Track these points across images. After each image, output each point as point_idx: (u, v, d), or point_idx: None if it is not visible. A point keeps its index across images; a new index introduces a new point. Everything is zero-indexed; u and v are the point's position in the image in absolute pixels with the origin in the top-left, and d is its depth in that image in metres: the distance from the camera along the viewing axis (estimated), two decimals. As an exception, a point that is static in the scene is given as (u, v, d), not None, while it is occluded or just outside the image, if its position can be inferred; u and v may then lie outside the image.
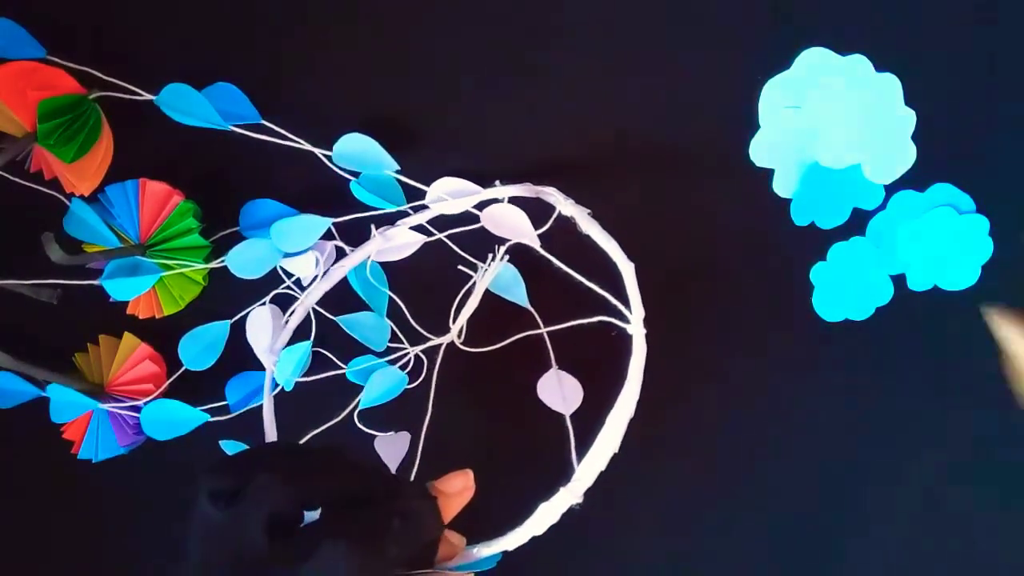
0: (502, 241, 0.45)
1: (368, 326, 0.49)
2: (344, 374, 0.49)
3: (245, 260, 0.45)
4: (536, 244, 0.41)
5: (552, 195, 0.42)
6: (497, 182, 0.43)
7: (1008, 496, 0.52)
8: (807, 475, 0.52)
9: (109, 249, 0.46)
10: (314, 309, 0.48)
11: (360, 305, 0.49)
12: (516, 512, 0.40)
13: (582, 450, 0.40)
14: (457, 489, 0.35)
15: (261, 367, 0.49)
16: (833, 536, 0.53)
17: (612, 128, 0.48)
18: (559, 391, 0.48)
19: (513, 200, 0.44)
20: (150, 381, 0.49)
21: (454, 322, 0.47)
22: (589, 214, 0.42)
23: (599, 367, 0.43)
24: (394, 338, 0.49)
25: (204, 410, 0.48)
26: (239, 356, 0.49)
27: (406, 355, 0.48)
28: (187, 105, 0.44)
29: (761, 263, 0.50)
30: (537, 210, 0.44)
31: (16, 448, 0.52)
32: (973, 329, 0.50)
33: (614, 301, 0.40)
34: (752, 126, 0.47)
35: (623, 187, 0.49)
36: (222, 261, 0.46)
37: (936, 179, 0.48)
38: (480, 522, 0.37)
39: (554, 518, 0.36)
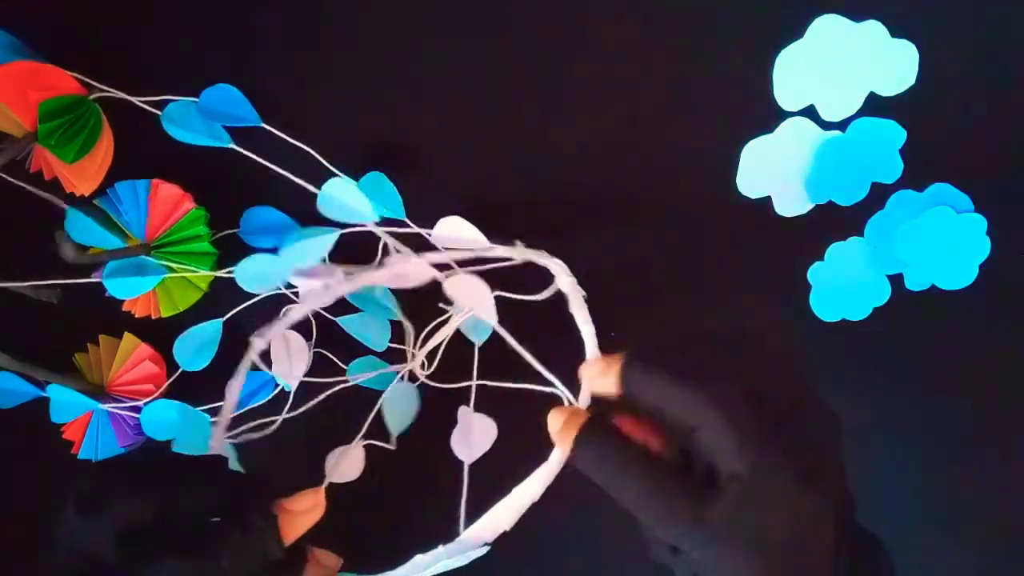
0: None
1: (369, 326, 0.49)
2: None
3: (253, 274, 0.44)
4: (493, 319, 0.40)
5: (557, 268, 0.42)
6: (518, 242, 0.43)
7: (1006, 496, 0.53)
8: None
9: (115, 250, 0.46)
10: (315, 312, 0.47)
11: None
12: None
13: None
14: (304, 508, 0.35)
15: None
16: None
17: (611, 124, 0.49)
18: (467, 435, 0.47)
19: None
20: (150, 381, 0.49)
21: (419, 348, 0.48)
22: (584, 297, 0.41)
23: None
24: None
25: (204, 410, 0.48)
26: (239, 356, 0.49)
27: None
28: (189, 122, 0.43)
29: (759, 263, 0.51)
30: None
31: (16, 448, 0.51)
32: (971, 328, 0.51)
33: (563, 391, 0.38)
34: (754, 123, 0.47)
35: (621, 187, 0.50)
36: (230, 272, 0.45)
37: (934, 179, 0.48)
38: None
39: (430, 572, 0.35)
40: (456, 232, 0.43)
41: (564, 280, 0.41)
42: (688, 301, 0.51)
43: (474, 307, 0.42)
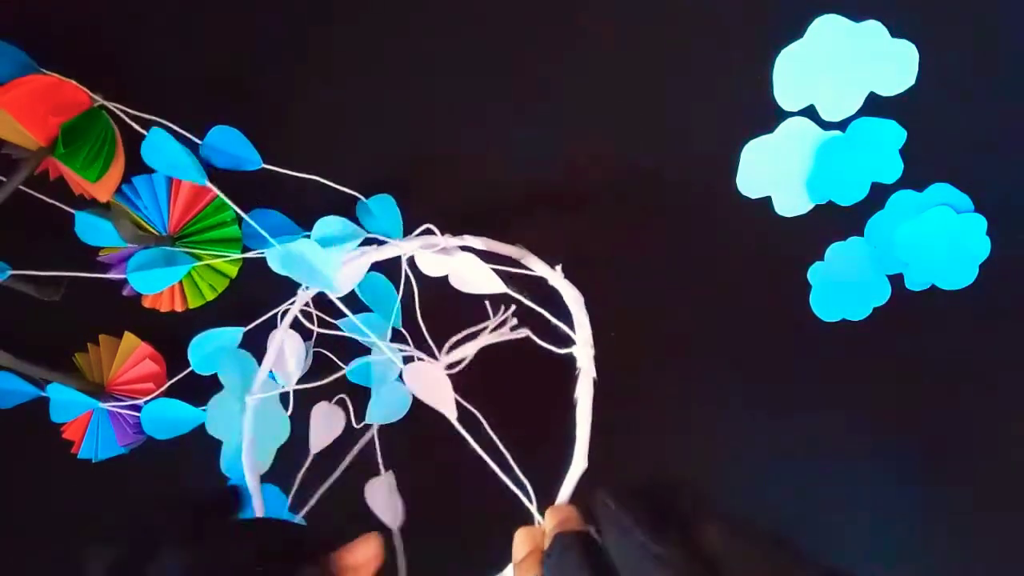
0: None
1: (370, 327, 0.49)
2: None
3: (284, 256, 0.44)
4: (452, 415, 0.40)
5: (580, 333, 0.42)
6: (558, 267, 0.43)
7: (1007, 496, 0.53)
8: (805, 476, 0.53)
9: (149, 236, 0.46)
10: (315, 313, 0.48)
11: (360, 307, 0.49)
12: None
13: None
14: (363, 560, 0.33)
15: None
16: (831, 536, 0.53)
17: (611, 124, 0.49)
18: (387, 499, 0.46)
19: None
20: (150, 380, 0.49)
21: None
22: (592, 356, 0.41)
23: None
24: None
25: (204, 409, 0.48)
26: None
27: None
28: (167, 157, 0.43)
29: (759, 263, 0.51)
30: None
31: (16, 448, 0.51)
32: (971, 329, 0.51)
33: (531, 507, 0.38)
34: (754, 123, 0.47)
35: (622, 185, 0.50)
36: (261, 253, 0.45)
37: (934, 179, 0.48)
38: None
39: None
40: (469, 272, 0.43)
41: (582, 351, 0.41)
42: (688, 301, 0.51)
43: (433, 400, 0.42)
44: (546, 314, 0.42)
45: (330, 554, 0.33)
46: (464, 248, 0.44)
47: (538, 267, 0.44)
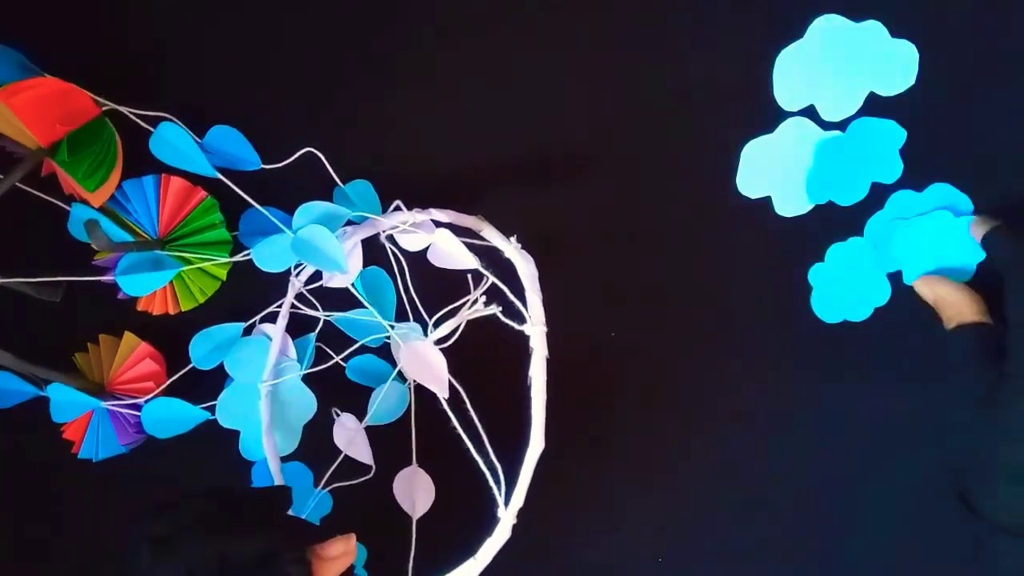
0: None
1: (365, 323, 0.49)
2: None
3: (269, 254, 0.45)
4: (444, 393, 0.42)
5: (532, 291, 0.43)
6: (513, 238, 0.44)
7: (1008, 495, 0.52)
8: (806, 476, 0.52)
9: (130, 243, 0.46)
10: (313, 311, 0.48)
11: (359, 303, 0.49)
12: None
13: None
14: (336, 554, 0.37)
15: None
16: (832, 536, 0.53)
17: (611, 124, 0.49)
18: (410, 490, 0.49)
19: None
20: (151, 379, 0.49)
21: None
22: (544, 334, 0.43)
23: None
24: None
25: (205, 408, 0.48)
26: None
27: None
28: (177, 149, 0.44)
29: (759, 264, 0.51)
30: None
31: (16, 448, 0.51)
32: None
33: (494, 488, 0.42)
34: (754, 123, 0.47)
35: (622, 187, 0.50)
36: (247, 255, 0.45)
37: (934, 179, 0.48)
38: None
39: None
40: (447, 247, 0.44)
41: (535, 329, 0.42)
42: (688, 302, 0.51)
43: (425, 379, 0.43)
44: (507, 291, 0.43)
45: (311, 546, 0.37)
46: (436, 223, 0.45)
47: (495, 238, 0.44)
